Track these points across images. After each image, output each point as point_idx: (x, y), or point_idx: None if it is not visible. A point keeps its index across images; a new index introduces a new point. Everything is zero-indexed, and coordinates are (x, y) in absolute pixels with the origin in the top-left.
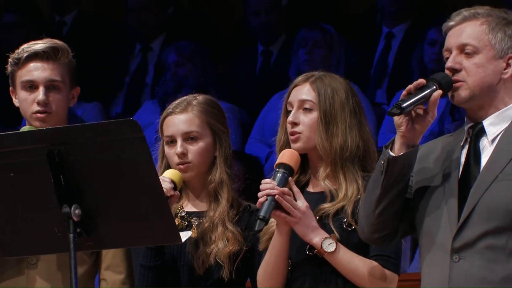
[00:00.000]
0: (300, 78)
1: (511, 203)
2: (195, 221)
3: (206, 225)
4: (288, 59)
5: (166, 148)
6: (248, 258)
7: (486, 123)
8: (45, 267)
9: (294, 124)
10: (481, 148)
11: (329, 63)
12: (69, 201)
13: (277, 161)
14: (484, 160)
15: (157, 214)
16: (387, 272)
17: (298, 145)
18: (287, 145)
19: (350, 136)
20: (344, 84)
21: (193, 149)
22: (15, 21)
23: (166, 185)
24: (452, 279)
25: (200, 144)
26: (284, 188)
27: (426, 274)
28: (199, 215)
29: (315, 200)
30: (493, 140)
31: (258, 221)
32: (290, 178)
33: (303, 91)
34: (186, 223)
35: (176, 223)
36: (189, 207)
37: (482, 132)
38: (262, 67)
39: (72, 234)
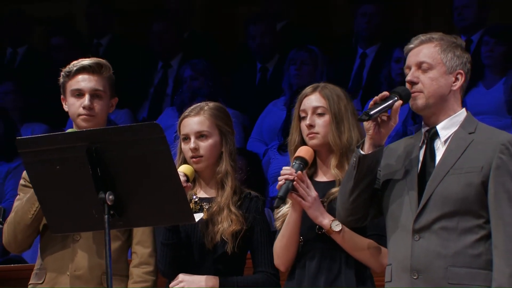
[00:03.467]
0: (308, 89)
1: (460, 193)
2: (205, 205)
3: (214, 208)
4: (281, 74)
5: (182, 144)
6: (247, 236)
7: (439, 127)
8: (86, 242)
9: (311, 126)
10: (435, 148)
11: (314, 78)
12: (104, 189)
13: (296, 155)
14: (438, 158)
15: (175, 199)
16: (381, 247)
17: (315, 142)
18: (300, 143)
19: (353, 132)
20: (343, 91)
21: (204, 145)
22: (61, 43)
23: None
24: (414, 254)
25: (210, 141)
26: (299, 172)
27: (392, 250)
28: (209, 200)
29: (321, 187)
30: (445, 141)
31: (277, 199)
32: (304, 171)
33: (315, 99)
34: (199, 207)
35: (190, 206)
36: (201, 194)
37: (436, 135)
38: (260, 80)
39: (106, 216)
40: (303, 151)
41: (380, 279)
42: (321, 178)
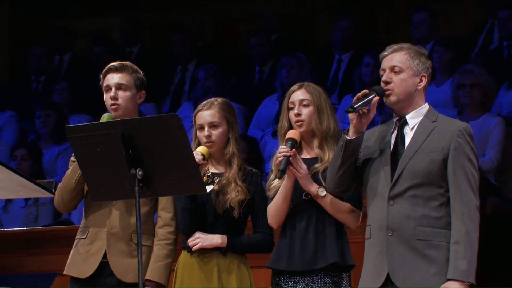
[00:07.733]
0: (295, 86)
1: (426, 168)
2: (216, 179)
3: (224, 181)
4: (275, 75)
5: (198, 132)
6: (250, 204)
7: (408, 117)
8: (120, 206)
9: (298, 114)
10: (405, 133)
11: (301, 78)
12: (135, 166)
13: (287, 137)
14: (407, 141)
15: (190, 174)
16: (356, 209)
17: (302, 129)
18: (289, 128)
19: (331, 121)
20: (323, 89)
21: (215, 133)
22: (101, 52)
23: (198, 156)
24: (389, 216)
25: (220, 130)
26: (294, 150)
27: (371, 213)
28: (219, 175)
29: (307, 163)
30: (412, 128)
31: (280, 171)
32: (294, 148)
33: (301, 94)
34: (211, 180)
35: (204, 180)
36: (212, 170)
37: (405, 123)
38: (258, 80)
39: (137, 187)
40: (293, 133)
41: (352, 237)
42: (305, 156)
